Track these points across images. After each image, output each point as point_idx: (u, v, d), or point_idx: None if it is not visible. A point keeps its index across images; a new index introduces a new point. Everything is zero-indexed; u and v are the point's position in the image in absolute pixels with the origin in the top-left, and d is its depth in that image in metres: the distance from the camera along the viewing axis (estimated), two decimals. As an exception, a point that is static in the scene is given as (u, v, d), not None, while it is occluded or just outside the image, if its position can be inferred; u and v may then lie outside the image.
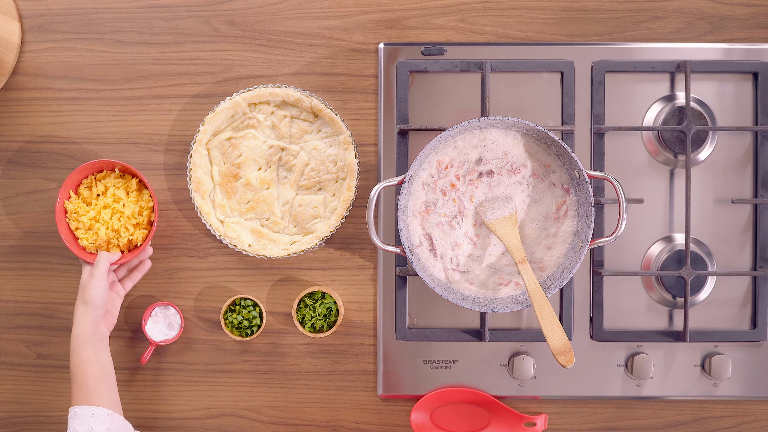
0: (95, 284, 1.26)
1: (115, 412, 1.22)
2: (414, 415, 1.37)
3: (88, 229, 1.31)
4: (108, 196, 1.32)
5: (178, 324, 1.35)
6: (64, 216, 1.32)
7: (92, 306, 1.26)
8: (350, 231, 1.38)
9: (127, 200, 1.32)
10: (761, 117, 1.35)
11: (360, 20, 1.37)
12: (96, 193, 1.33)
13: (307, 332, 1.34)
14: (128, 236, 1.31)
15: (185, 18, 1.37)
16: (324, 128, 1.35)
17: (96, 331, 1.26)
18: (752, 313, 1.37)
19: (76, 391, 1.23)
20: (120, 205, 1.31)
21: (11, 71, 1.37)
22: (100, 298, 1.26)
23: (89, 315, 1.26)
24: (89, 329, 1.25)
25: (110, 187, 1.32)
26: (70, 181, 1.32)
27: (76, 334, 1.26)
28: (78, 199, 1.33)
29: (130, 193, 1.33)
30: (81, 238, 1.31)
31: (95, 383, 1.23)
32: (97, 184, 1.33)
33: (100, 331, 1.27)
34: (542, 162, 1.29)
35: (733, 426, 1.39)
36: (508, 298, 1.28)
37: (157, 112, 1.38)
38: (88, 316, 1.26)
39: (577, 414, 1.39)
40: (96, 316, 1.26)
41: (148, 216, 1.33)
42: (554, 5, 1.37)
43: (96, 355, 1.25)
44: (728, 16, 1.37)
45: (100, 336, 1.27)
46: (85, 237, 1.31)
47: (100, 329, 1.27)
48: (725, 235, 1.37)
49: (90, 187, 1.33)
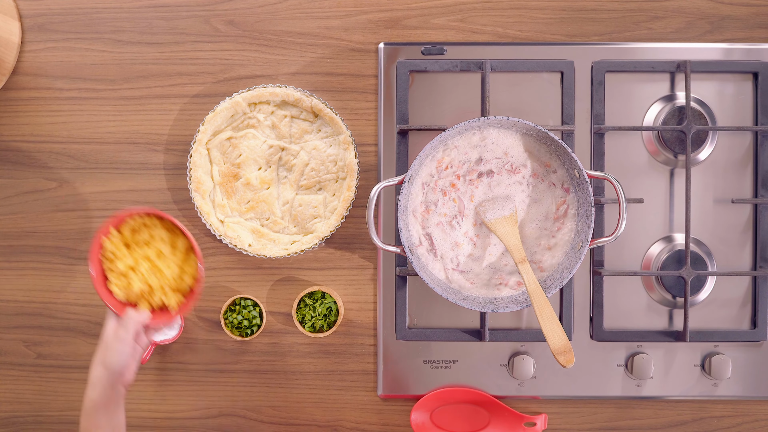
0: (120, 349, 1.14)
1: None
2: (414, 415, 1.37)
3: (122, 275, 1.19)
4: (151, 248, 1.19)
5: (178, 324, 1.35)
6: (99, 251, 1.19)
7: (112, 372, 1.14)
8: (350, 231, 1.38)
9: (171, 260, 1.20)
10: (761, 117, 1.35)
11: (360, 20, 1.37)
12: (140, 240, 1.20)
13: (307, 332, 1.34)
14: (162, 297, 1.20)
15: (185, 18, 1.37)
16: (324, 128, 1.35)
17: (112, 396, 1.15)
18: (752, 313, 1.37)
19: None
20: (163, 263, 1.19)
21: (11, 71, 1.37)
22: (123, 363, 1.15)
23: (107, 380, 1.14)
24: (106, 395, 1.14)
25: (156, 240, 1.20)
26: (115, 220, 1.18)
27: (91, 398, 1.14)
28: (118, 238, 1.20)
29: (176, 253, 1.20)
30: (112, 281, 1.19)
31: None
32: (143, 231, 1.20)
33: (118, 392, 1.16)
34: (542, 162, 1.29)
35: (733, 426, 1.39)
36: (508, 298, 1.28)
37: (157, 112, 1.38)
38: (106, 381, 1.14)
39: (577, 414, 1.39)
40: (115, 381, 1.15)
41: (190, 284, 1.21)
42: (554, 5, 1.37)
43: (109, 421, 1.15)
44: (728, 16, 1.37)
45: (116, 399, 1.16)
46: (117, 283, 1.19)
47: (117, 391, 1.16)
48: (725, 235, 1.37)
49: (135, 231, 1.20)
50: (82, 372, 1.39)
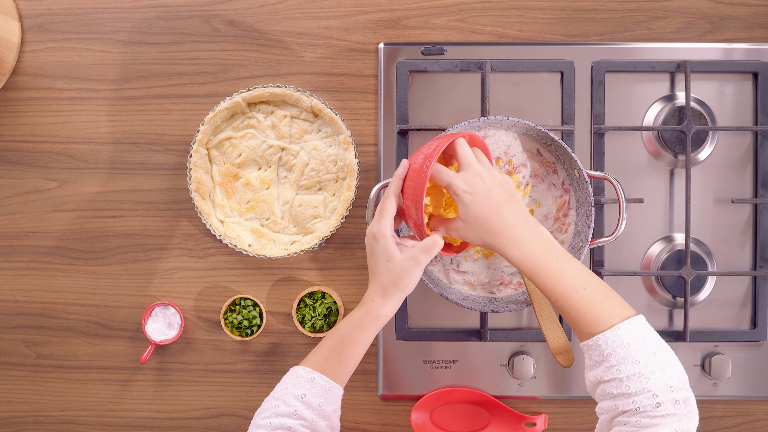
0: (417, 273, 1.13)
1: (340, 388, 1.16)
2: (414, 415, 1.37)
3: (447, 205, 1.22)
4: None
5: (178, 324, 1.35)
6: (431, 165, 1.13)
7: (404, 292, 1.15)
8: (350, 231, 1.38)
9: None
10: (761, 117, 1.35)
11: (360, 20, 1.37)
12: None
13: (307, 332, 1.34)
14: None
15: (185, 18, 1.37)
16: (324, 128, 1.35)
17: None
18: (752, 313, 1.37)
19: (331, 360, 1.15)
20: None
21: (11, 71, 1.37)
22: (414, 285, 1.15)
23: (399, 298, 1.15)
24: (393, 312, 1.15)
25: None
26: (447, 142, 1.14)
27: (385, 314, 1.14)
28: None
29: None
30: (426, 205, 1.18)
31: (349, 363, 1.15)
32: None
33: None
34: (542, 162, 1.29)
35: (733, 426, 1.39)
36: (508, 298, 1.28)
37: (157, 112, 1.38)
38: (398, 299, 1.15)
39: (577, 414, 1.39)
40: (402, 297, 1.16)
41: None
42: (554, 5, 1.37)
43: (370, 341, 1.16)
44: (728, 16, 1.37)
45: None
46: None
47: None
48: (725, 235, 1.37)
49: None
50: (83, 372, 1.39)
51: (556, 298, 1.08)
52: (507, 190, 1.12)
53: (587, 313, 1.06)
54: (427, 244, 1.13)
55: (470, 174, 1.12)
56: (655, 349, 1.03)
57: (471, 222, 1.11)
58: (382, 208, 1.14)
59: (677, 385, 1.01)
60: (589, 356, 1.06)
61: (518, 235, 1.10)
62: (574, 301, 1.07)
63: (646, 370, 1.01)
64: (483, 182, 1.11)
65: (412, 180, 1.12)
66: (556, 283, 1.08)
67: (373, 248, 1.13)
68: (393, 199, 1.14)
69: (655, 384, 1.00)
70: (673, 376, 1.02)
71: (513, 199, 1.12)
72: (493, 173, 1.13)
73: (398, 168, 1.15)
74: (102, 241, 1.38)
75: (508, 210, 1.10)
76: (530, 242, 1.10)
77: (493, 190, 1.11)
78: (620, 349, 1.03)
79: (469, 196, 1.11)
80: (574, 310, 1.07)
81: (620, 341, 1.03)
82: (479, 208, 1.10)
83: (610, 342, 1.03)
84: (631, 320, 1.05)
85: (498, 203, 1.10)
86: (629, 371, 1.01)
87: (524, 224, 1.10)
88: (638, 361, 1.02)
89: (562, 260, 1.09)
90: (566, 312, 1.08)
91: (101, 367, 1.39)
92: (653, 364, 1.02)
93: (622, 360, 1.02)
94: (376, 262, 1.13)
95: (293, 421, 1.10)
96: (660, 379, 1.00)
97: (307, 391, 1.12)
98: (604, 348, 1.04)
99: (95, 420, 1.39)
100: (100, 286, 1.39)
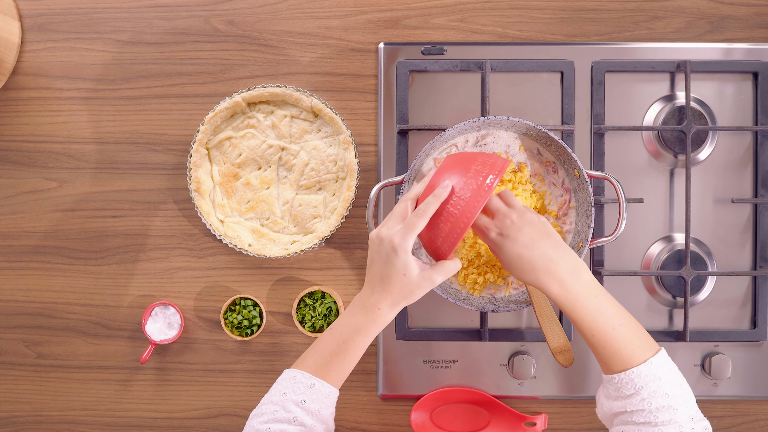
0: (426, 289, 1.14)
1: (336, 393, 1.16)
2: (414, 415, 1.37)
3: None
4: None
5: (178, 324, 1.35)
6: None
7: (408, 303, 1.15)
8: (350, 231, 1.38)
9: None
10: (761, 117, 1.35)
11: (360, 20, 1.37)
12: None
13: (307, 332, 1.34)
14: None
15: (185, 18, 1.37)
16: (324, 128, 1.35)
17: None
18: (752, 313, 1.37)
19: (328, 359, 1.14)
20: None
21: (11, 71, 1.37)
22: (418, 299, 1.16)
23: (400, 307, 1.15)
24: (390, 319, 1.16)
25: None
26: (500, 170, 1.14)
27: (388, 321, 1.14)
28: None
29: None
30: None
31: (349, 367, 1.15)
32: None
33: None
34: (542, 162, 1.29)
35: (733, 426, 1.38)
36: (508, 298, 1.28)
37: (157, 112, 1.38)
38: (399, 308, 1.15)
39: (577, 414, 1.39)
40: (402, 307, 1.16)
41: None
42: (554, 5, 1.37)
43: (368, 345, 1.16)
44: (728, 16, 1.37)
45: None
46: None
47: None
48: (725, 235, 1.37)
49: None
50: (82, 372, 1.39)
51: (592, 333, 1.11)
52: (538, 228, 1.14)
53: (622, 349, 1.10)
54: (449, 269, 1.14)
55: (499, 218, 1.15)
56: (680, 381, 1.10)
57: (506, 263, 1.14)
58: (412, 224, 1.12)
59: (696, 416, 1.09)
60: (617, 388, 1.10)
61: (554, 270, 1.12)
62: (610, 338, 1.10)
63: (674, 402, 1.07)
64: (513, 224, 1.13)
65: (452, 213, 1.12)
66: (594, 320, 1.11)
67: (390, 259, 1.12)
68: (426, 220, 1.12)
69: (681, 415, 1.07)
70: (692, 407, 1.09)
71: (547, 236, 1.13)
72: (524, 214, 1.14)
73: (440, 189, 1.13)
74: (102, 241, 1.38)
75: (542, 245, 1.12)
76: (569, 278, 1.11)
77: (523, 229, 1.13)
78: (652, 383, 1.08)
79: (501, 238, 1.14)
80: (609, 345, 1.10)
81: (653, 375, 1.08)
82: (511, 248, 1.13)
83: (643, 376, 1.08)
84: (660, 354, 1.10)
85: (531, 240, 1.12)
86: (660, 403, 1.07)
87: (560, 258, 1.12)
88: (668, 394, 1.08)
89: (600, 297, 1.12)
90: (600, 347, 1.11)
91: (101, 367, 1.39)
92: (679, 396, 1.08)
93: (653, 393, 1.08)
94: (390, 273, 1.13)
95: (293, 428, 1.10)
96: (685, 411, 1.07)
97: (307, 398, 1.11)
98: (636, 381, 1.08)
99: (95, 420, 1.39)
100: (100, 286, 1.39)
